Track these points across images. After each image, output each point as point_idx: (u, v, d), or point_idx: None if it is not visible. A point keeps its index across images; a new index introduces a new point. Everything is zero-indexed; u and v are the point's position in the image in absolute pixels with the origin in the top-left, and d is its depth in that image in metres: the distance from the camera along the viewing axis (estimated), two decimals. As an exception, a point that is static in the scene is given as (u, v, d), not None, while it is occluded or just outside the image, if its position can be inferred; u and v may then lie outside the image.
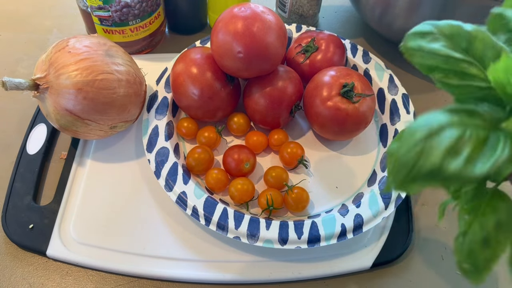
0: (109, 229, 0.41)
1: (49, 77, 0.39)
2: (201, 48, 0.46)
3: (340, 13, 0.65)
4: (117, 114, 0.41)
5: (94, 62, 0.39)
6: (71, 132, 0.42)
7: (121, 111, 0.41)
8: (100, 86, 0.39)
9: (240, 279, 0.39)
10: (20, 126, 0.48)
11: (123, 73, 0.41)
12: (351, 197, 0.44)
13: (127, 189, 0.44)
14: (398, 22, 0.50)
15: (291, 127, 0.49)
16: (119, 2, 0.47)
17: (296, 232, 0.39)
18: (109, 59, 0.40)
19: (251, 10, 0.41)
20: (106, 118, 0.41)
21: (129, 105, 0.42)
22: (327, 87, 0.43)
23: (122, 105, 0.41)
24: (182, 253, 0.40)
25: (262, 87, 0.44)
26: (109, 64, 0.40)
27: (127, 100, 0.41)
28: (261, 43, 0.40)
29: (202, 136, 0.45)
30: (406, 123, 0.46)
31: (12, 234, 0.40)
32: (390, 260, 0.40)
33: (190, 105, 0.45)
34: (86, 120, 0.40)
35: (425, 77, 0.57)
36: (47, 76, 0.39)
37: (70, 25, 0.61)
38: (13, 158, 0.45)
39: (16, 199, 0.42)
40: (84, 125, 0.41)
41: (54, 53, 0.39)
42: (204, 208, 0.40)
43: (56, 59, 0.39)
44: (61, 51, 0.39)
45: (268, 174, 0.43)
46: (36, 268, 0.39)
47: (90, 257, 0.39)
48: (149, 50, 0.57)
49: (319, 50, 0.48)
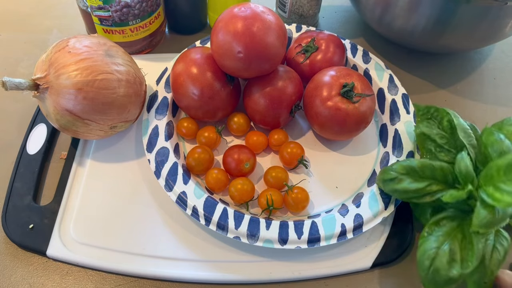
0: (109, 229, 0.41)
1: (49, 77, 0.39)
2: (201, 48, 0.46)
3: (340, 13, 0.65)
4: (117, 114, 0.41)
5: (94, 62, 0.39)
6: (71, 132, 0.42)
7: (121, 111, 0.41)
8: (100, 86, 0.39)
9: (240, 279, 0.39)
10: (20, 126, 0.48)
11: (123, 73, 0.41)
12: (351, 197, 0.44)
13: (127, 189, 0.44)
14: (398, 22, 0.50)
15: (291, 127, 0.49)
16: (119, 2, 0.47)
17: (296, 232, 0.39)
18: (109, 59, 0.40)
19: (251, 10, 0.41)
20: (106, 118, 0.41)
21: (129, 105, 0.42)
22: (327, 87, 0.44)
23: (122, 105, 0.41)
24: (182, 253, 0.40)
25: (262, 87, 0.44)
26: (109, 64, 0.40)
27: (127, 100, 0.41)
28: (261, 43, 0.40)
29: (202, 136, 0.45)
30: (406, 123, 0.46)
31: (12, 234, 0.40)
32: (390, 260, 0.40)
33: (190, 105, 0.45)
34: (86, 120, 0.40)
35: (425, 77, 0.57)
36: (47, 76, 0.39)
37: (70, 25, 0.61)
38: (13, 158, 0.45)
39: (16, 199, 0.42)
40: (84, 125, 0.40)
41: (54, 53, 0.39)
42: (204, 208, 0.40)
43: (56, 59, 0.39)
44: (61, 51, 0.39)
45: (268, 174, 0.43)
46: (36, 268, 0.39)
47: (90, 257, 0.39)
48: (149, 50, 0.57)
49: (319, 50, 0.48)
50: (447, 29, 0.47)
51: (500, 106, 0.55)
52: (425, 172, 0.37)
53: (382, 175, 0.39)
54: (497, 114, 0.54)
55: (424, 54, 0.59)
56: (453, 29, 0.47)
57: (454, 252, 0.34)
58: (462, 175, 0.36)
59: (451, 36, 0.49)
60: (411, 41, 0.53)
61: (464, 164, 0.35)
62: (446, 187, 0.37)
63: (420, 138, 0.39)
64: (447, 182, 0.37)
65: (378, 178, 0.40)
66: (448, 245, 0.34)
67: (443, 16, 0.46)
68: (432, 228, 0.36)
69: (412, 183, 0.37)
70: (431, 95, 0.55)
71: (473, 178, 0.35)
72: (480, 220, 0.33)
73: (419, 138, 0.39)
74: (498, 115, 0.54)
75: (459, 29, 0.47)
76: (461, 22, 0.46)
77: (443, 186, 0.37)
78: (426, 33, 0.49)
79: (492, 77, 0.58)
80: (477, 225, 0.33)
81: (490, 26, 0.47)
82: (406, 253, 0.41)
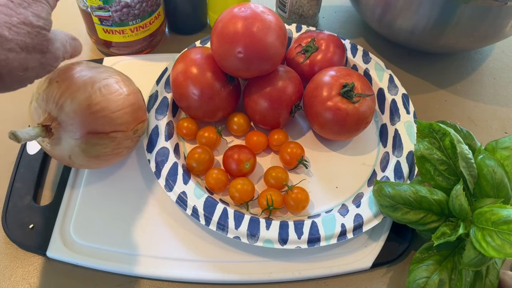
0: (109, 229, 0.41)
1: (53, 113, 0.36)
2: (201, 48, 0.46)
3: (340, 13, 0.65)
4: (132, 114, 0.40)
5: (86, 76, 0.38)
6: (104, 159, 0.39)
7: (134, 110, 0.40)
8: (106, 92, 0.38)
9: (240, 279, 0.39)
10: (20, 126, 0.48)
11: (114, 76, 0.40)
12: (351, 197, 0.44)
13: (127, 189, 0.44)
14: (398, 22, 0.50)
15: (291, 127, 0.49)
16: (119, 2, 0.47)
17: (296, 232, 0.39)
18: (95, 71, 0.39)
19: (251, 10, 0.41)
20: (125, 122, 0.39)
21: (137, 102, 0.41)
22: (327, 87, 0.44)
23: (132, 103, 0.40)
24: (182, 253, 0.40)
25: (262, 87, 0.44)
26: (101, 73, 0.39)
27: (133, 98, 0.40)
28: (261, 43, 0.40)
29: (202, 136, 0.45)
30: (406, 123, 0.46)
31: (12, 234, 0.40)
32: (390, 260, 0.40)
33: (190, 105, 0.45)
34: (111, 133, 0.38)
35: (425, 77, 0.57)
36: (50, 114, 0.36)
37: (70, 25, 0.61)
38: (13, 158, 0.45)
39: (16, 199, 0.42)
40: (111, 140, 0.38)
41: (43, 91, 0.37)
42: (204, 208, 0.40)
43: (48, 94, 0.37)
44: (48, 87, 0.37)
45: (268, 174, 0.43)
46: (36, 268, 0.39)
47: (90, 257, 0.39)
48: (149, 50, 0.57)
49: (319, 50, 0.48)
50: (447, 29, 0.48)
51: (500, 106, 0.55)
52: (422, 204, 0.37)
53: (378, 196, 0.39)
54: (497, 114, 0.54)
55: (424, 54, 0.59)
56: (453, 29, 0.47)
57: (444, 282, 0.36)
58: (456, 212, 0.36)
59: (451, 36, 0.49)
60: (411, 41, 0.53)
61: (459, 202, 0.36)
62: (442, 218, 0.38)
63: (419, 161, 0.39)
64: (443, 213, 0.38)
65: (374, 194, 0.40)
66: (437, 275, 0.36)
67: (443, 16, 0.46)
68: (423, 254, 0.38)
69: (408, 214, 0.38)
70: (431, 95, 0.55)
71: (466, 214, 0.36)
72: (470, 259, 0.34)
73: (418, 160, 0.39)
74: (498, 115, 0.54)
75: (459, 29, 0.47)
76: (461, 22, 0.46)
77: (438, 217, 0.38)
78: (426, 33, 0.49)
79: (492, 77, 0.58)
80: (466, 264, 0.34)
81: (490, 26, 0.47)
82: (406, 253, 0.41)
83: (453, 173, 0.38)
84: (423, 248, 0.38)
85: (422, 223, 0.38)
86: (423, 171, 0.39)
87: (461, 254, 0.36)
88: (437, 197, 0.37)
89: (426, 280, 0.36)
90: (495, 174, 0.36)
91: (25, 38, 0.28)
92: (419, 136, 0.40)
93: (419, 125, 0.40)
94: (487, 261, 0.34)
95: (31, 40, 0.29)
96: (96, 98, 0.37)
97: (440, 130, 0.39)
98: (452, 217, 0.37)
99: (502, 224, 0.32)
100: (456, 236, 0.35)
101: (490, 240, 0.32)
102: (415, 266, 0.37)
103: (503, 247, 0.31)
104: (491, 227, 0.33)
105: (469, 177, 0.37)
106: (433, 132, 0.39)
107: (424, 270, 0.36)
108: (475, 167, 0.37)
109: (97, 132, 0.37)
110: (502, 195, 0.36)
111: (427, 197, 0.37)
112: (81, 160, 0.39)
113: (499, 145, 0.40)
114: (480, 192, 0.37)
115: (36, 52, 0.30)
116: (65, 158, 0.39)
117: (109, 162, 0.41)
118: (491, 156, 0.37)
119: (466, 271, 0.35)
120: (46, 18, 0.30)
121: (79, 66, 0.39)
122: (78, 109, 0.36)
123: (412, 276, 0.36)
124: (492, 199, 0.36)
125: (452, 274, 0.36)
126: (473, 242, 0.33)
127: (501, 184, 0.36)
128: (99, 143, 0.38)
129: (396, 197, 0.38)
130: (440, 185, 0.38)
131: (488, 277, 0.36)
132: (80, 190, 0.43)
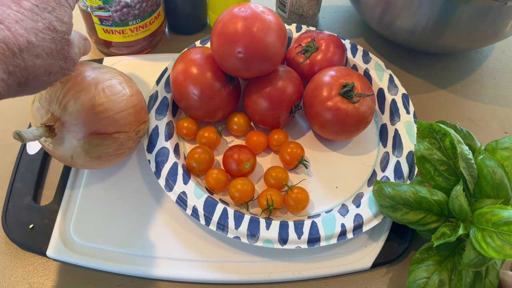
0: (109, 229, 0.41)
1: (56, 113, 0.36)
2: (201, 48, 0.46)
3: (340, 13, 0.65)
4: (134, 115, 0.40)
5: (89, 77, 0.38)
6: (105, 159, 0.39)
7: (137, 111, 0.40)
8: (109, 93, 0.38)
9: (240, 279, 0.39)
10: (20, 126, 0.48)
11: (117, 77, 0.40)
12: (351, 197, 0.44)
13: (127, 189, 0.44)
14: (398, 22, 0.50)
15: (291, 127, 0.49)
16: (119, 2, 0.47)
17: (296, 232, 0.39)
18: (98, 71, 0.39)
19: (251, 10, 0.41)
20: (128, 123, 0.39)
21: (139, 103, 0.41)
22: (327, 87, 0.44)
23: (135, 104, 0.40)
24: (182, 253, 0.40)
25: (262, 87, 0.44)
26: (103, 74, 0.39)
27: (136, 98, 0.40)
28: (261, 43, 0.40)
29: (202, 136, 0.45)
30: (406, 123, 0.46)
31: (12, 234, 0.40)
32: (390, 260, 0.40)
33: (190, 105, 0.45)
34: (114, 134, 0.38)
35: (425, 77, 0.57)
36: (54, 114, 0.36)
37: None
38: (13, 158, 0.45)
39: (16, 199, 0.42)
40: (114, 141, 0.38)
41: (46, 91, 0.37)
42: (204, 208, 0.40)
43: (52, 94, 0.37)
44: (51, 87, 0.37)
45: (268, 174, 0.43)
46: (36, 268, 0.39)
47: (90, 257, 0.39)
48: (149, 50, 0.57)
49: (319, 50, 0.48)
50: (447, 29, 0.48)
51: (500, 106, 0.55)
52: (422, 204, 0.37)
53: (378, 196, 0.39)
54: (497, 114, 0.54)
55: (424, 54, 0.59)
56: (453, 29, 0.47)
57: (444, 283, 0.36)
58: (456, 213, 0.36)
59: (451, 36, 0.49)
60: (411, 41, 0.53)
61: (459, 203, 0.36)
62: (442, 218, 0.38)
63: (419, 161, 0.39)
64: (443, 214, 0.38)
65: (374, 195, 0.40)
66: (437, 276, 0.36)
67: (443, 16, 0.46)
68: (423, 254, 0.38)
69: (408, 214, 0.38)
70: (431, 95, 0.55)
71: (466, 215, 0.36)
72: (470, 260, 0.34)
73: (418, 160, 0.39)
74: (498, 115, 0.54)
75: (459, 29, 0.47)
76: (461, 22, 0.46)
77: (438, 218, 0.38)
78: (426, 33, 0.49)
79: (492, 77, 0.58)
80: (466, 264, 0.34)
81: (490, 26, 0.47)
82: (406, 253, 0.41)
83: (453, 174, 0.38)
84: (423, 249, 0.38)
85: (422, 224, 0.38)
86: (423, 172, 0.39)
87: (461, 254, 0.36)
88: (437, 197, 0.37)
89: (426, 281, 0.36)
90: (495, 174, 0.36)
91: (50, 44, 0.28)
92: (419, 136, 0.40)
93: (419, 126, 0.40)
94: (487, 261, 0.34)
95: (55, 46, 0.29)
96: (100, 99, 0.37)
97: (440, 131, 0.39)
98: (452, 217, 0.37)
99: (502, 225, 0.32)
100: (456, 237, 0.35)
101: (490, 241, 0.32)
102: (415, 267, 0.37)
103: (503, 248, 0.31)
104: (491, 228, 0.33)
105: (469, 177, 0.37)
106: (433, 133, 0.39)
107: (424, 270, 0.36)
108: (475, 168, 0.37)
109: (100, 133, 0.37)
110: (502, 195, 0.36)
111: (427, 198, 0.37)
112: (83, 161, 0.39)
113: (499, 145, 0.40)
114: (480, 192, 0.37)
115: (59, 57, 0.30)
116: (67, 158, 0.39)
117: (110, 162, 0.41)
118: (491, 156, 0.37)
119: (466, 272, 0.35)
120: (68, 22, 0.30)
121: (82, 66, 0.39)
122: (81, 110, 0.36)
123: (412, 276, 0.36)
124: (492, 199, 0.36)
125: (452, 274, 0.36)
126: (473, 243, 0.33)
127: (501, 185, 0.36)
128: (101, 144, 0.38)
129: (396, 198, 0.38)
130: (440, 186, 0.38)
131: (488, 278, 0.36)
132: (80, 190, 0.43)
